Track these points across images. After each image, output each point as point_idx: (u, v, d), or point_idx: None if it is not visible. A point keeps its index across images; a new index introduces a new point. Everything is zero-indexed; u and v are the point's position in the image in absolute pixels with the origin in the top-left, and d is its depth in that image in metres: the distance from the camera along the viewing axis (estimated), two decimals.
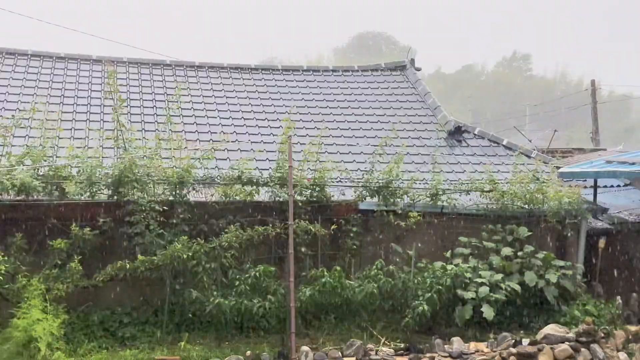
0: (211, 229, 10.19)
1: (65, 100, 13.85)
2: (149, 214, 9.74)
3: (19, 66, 14.95)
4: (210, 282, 9.76)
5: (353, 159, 13.23)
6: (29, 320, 8.41)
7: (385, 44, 76.77)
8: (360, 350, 9.29)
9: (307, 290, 9.93)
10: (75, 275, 9.19)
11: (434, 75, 65.11)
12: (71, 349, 8.83)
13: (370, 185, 11.12)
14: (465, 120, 19.61)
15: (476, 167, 13.38)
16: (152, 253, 9.59)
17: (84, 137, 12.38)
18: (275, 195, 10.59)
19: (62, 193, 9.78)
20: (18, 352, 8.39)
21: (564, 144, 28.54)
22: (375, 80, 17.08)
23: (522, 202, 11.69)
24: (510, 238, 11.33)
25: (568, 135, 45.05)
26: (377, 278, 10.21)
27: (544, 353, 9.39)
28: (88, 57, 15.77)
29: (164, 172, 10.18)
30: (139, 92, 14.75)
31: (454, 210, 11.47)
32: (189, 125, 13.49)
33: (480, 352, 9.54)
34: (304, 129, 13.91)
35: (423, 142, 14.26)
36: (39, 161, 9.88)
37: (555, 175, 12.42)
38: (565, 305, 10.84)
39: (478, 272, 10.65)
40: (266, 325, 9.83)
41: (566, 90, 61.99)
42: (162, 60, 16.53)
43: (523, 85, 70.93)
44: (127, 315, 9.77)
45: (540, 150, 17.38)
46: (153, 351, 9.08)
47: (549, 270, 10.85)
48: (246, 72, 16.66)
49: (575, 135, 45.41)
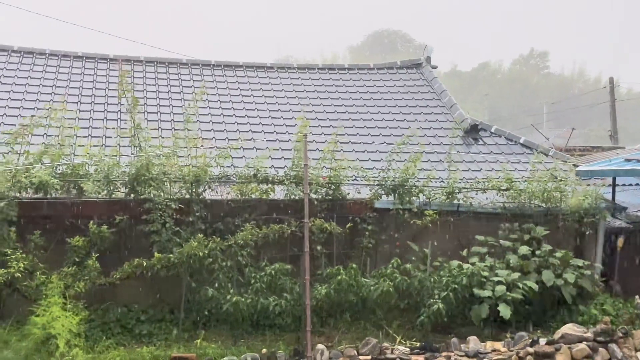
0: (227, 227, 10.23)
1: (82, 99, 13.97)
2: (165, 212, 9.79)
3: (37, 65, 15.10)
4: (226, 280, 9.80)
5: (368, 157, 13.21)
6: (48, 318, 8.49)
7: (401, 42, 76.54)
8: (375, 349, 9.28)
9: (322, 289, 9.93)
10: (92, 272, 9.27)
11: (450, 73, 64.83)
12: (89, 346, 8.90)
13: (386, 184, 11.10)
14: (482, 119, 19.53)
15: (493, 165, 13.30)
16: (168, 251, 9.65)
17: (101, 135, 12.49)
18: (291, 193, 10.60)
19: (80, 191, 9.86)
20: (36, 349, 8.48)
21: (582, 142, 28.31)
22: (391, 79, 17.03)
23: (540, 201, 11.61)
24: (528, 237, 11.25)
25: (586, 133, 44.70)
26: (393, 276, 10.19)
27: (562, 352, 9.31)
28: (105, 56, 15.88)
29: (180, 171, 10.23)
30: (155, 90, 14.84)
31: (470, 208, 11.42)
32: (204, 123, 13.54)
33: (497, 352, 9.49)
34: (320, 127, 13.91)
35: (439, 140, 14.20)
36: (57, 160, 9.97)
37: (573, 173, 12.32)
38: (583, 304, 10.75)
39: (495, 270, 10.59)
40: (282, 323, 9.84)
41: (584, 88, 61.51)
42: (178, 59, 16.61)
43: (540, 83, 70.42)
44: (144, 312, 9.84)
45: (558, 149, 17.26)
46: (170, 348, 9.14)
47: (566, 270, 10.77)
48: (262, 70, 16.69)
49: (594, 133, 45.05)
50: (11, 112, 12.98)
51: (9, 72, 14.57)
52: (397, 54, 54.75)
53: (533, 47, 76.46)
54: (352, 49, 75.75)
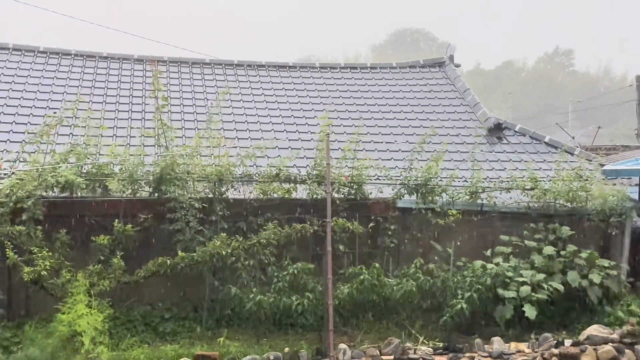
0: (249, 226, 10.27)
1: (107, 99, 14.12)
2: (188, 211, 9.85)
3: (62, 66, 15.30)
4: (249, 278, 9.84)
5: (391, 156, 13.17)
6: (73, 315, 8.59)
7: (424, 40, 76.26)
8: (398, 349, 9.25)
9: (345, 288, 9.93)
10: (117, 271, 9.35)
11: (473, 71, 64.42)
12: (113, 344, 8.99)
13: (409, 183, 11.05)
14: (506, 117, 19.35)
15: (517, 164, 13.18)
16: (192, 250, 9.71)
17: (126, 135, 12.61)
18: (313, 192, 10.59)
19: (105, 190, 9.97)
20: (62, 346, 8.58)
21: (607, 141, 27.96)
22: (414, 77, 16.96)
23: (565, 201, 11.48)
24: (553, 237, 11.14)
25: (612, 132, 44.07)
26: (416, 276, 10.15)
27: (587, 354, 9.20)
28: (130, 57, 16.04)
29: (204, 170, 10.28)
30: (179, 90, 14.95)
31: (493, 208, 11.33)
32: (227, 123, 13.60)
33: (521, 353, 9.41)
34: (342, 127, 13.90)
35: (462, 139, 14.11)
36: (82, 159, 10.09)
37: (599, 173, 12.17)
38: (609, 305, 10.62)
39: (519, 271, 10.49)
40: (304, 323, 9.85)
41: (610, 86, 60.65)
42: (201, 59, 16.70)
43: (565, 81, 69.66)
44: (168, 310, 9.92)
45: (583, 148, 17.06)
46: (193, 346, 9.19)
47: (592, 270, 10.65)
48: (284, 70, 16.72)
49: (620, 132, 44.37)
50: (37, 112, 13.16)
51: (36, 73, 14.78)
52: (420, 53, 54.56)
53: (558, 45, 75.72)
54: (374, 47, 75.64)
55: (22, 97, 13.68)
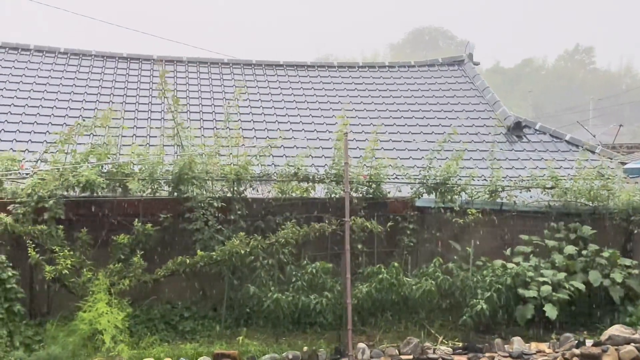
0: (268, 225, 10.28)
1: (127, 100, 14.24)
2: (207, 210, 9.89)
3: (83, 66, 15.47)
4: (267, 277, 9.85)
5: (409, 155, 13.13)
6: (94, 314, 8.67)
7: (442, 38, 75.93)
8: (417, 349, 9.21)
9: (363, 287, 9.91)
10: (137, 269, 9.42)
11: (492, 69, 64.02)
12: (134, 342, 9.04)
13: (428, 182, 11.00)
14: (526, 116, 19.23)
15: (537, 163, 13.08)
16: (210, 249, 9.74)
17: (146, 135, 12.69)
18: (331, 192, 10.59)
19: (125, 190, 10.04)
20: (83, 344, 8.67)
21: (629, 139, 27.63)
22: (432, 76, 16.89)
23: (586, 199, 11.36)
24: (574, 236, 11.02)
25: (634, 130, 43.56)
26: (435, 275, 10.10)
27: (609, 354, 9.11)
28: (149, 57, 16.17)
29: (222, 169, 10.32)
30: (197, 90, 15.04)
31: (514, 207, 11.24)
32: (246, 122, 13.65)
33: (542, 353, 9.33)
34: (360, 126, 13.88)
35: (481, 137, 14.03)
36: (103, 159, 10.17)
37: (621, 171, 12.03)
38: (631, 305, 10.47)
39: (540, 270, 10.39)
40: (323, 322, 9.84)
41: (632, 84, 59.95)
42: (220, 59, 16.78)
43: (586, 79, 68.97)
44: (187, 309, 9.96)
45: (604, 146, 16.86)
46: (212, 345, 9.22)
47: (614, 270, 10.52)
48: (302, 69, 16.74)
49: None
50: (58, 112, 13.31)
51: (57, 74, 14.95)
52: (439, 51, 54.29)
53: (578, 43, 75.00)
54: (392, 46, 75.48)
55: (44, 98, 13.85)
